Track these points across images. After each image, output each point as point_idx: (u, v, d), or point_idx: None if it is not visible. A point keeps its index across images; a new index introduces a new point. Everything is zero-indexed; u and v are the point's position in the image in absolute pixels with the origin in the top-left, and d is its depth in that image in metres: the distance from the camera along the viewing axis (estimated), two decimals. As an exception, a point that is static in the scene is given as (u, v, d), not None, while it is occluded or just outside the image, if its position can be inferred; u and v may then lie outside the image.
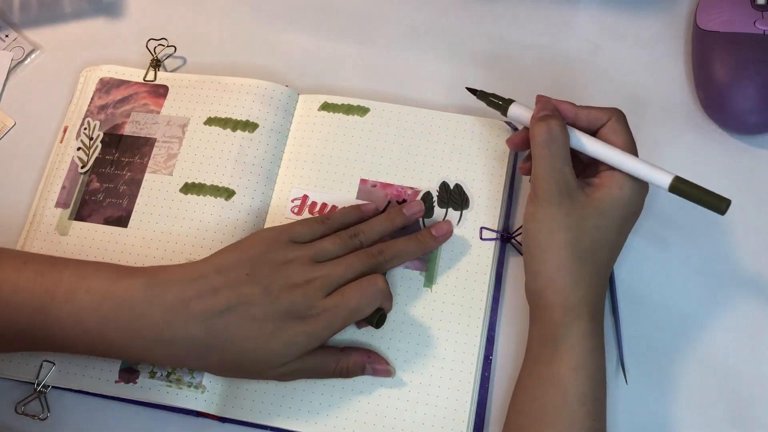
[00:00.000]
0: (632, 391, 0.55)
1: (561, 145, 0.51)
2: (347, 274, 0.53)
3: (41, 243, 0.60)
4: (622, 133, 0.52)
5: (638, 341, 0.57)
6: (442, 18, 0.70)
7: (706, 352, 0.56)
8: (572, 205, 0.50)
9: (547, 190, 0.50)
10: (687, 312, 0.58)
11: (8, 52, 0.70)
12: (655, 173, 0.50)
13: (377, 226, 0.57)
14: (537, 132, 0.51)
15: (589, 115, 0.53)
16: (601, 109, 0.53)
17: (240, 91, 0.64)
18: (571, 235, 0.50)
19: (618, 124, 0.52)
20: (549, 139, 0.51)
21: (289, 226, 0.55)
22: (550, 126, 0.51)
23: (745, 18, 0.62)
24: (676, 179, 0.49)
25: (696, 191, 0.49)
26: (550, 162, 0.50)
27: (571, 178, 0.51)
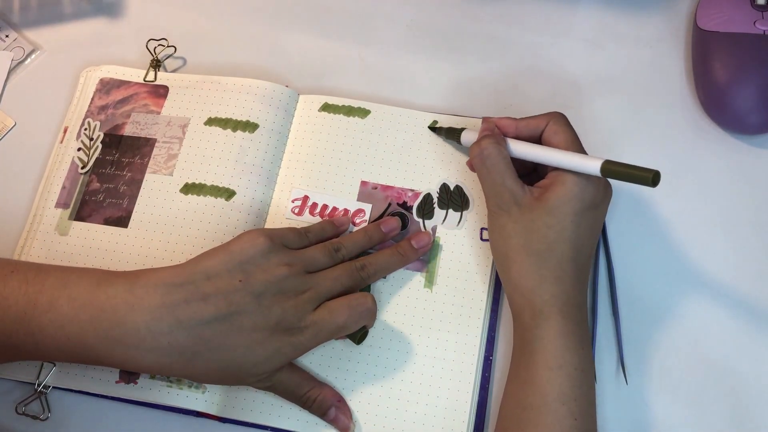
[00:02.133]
0: (632, 391, 0.55)
1: (496, 160, 0.53)
2: (335, 288, 0.53)
3: (41, 243, 0.60)
4: (561, 132, 0.54)
5: (638, 341, 0.57)
6: (442, 18, 0.70)
7: (706, 352, 0.56)
8: (519, 211, 0.52)
9: (493, 203, 0.54)
10: (687, 312, 0.58)
11: (8, 52, 0.69)
12: (585, 161, 0.51)
13: (357, 241, 0.57)
14: (472, 155, 0.54)
15: (529, 124, 0.55)
16: (539, 117, 0.55)
17: (240, 92, 0.64)
18: (524, 238, 0.52)
19: (556, 125, 0.54)
20: (482, 158, 0.53)
21: (277, 230, 0.55)
22: (480, 146, 0.54)
23: (745, 18, 0.62)
24: (606, 162, 0.50)
25: (625, 169, 0.49)
26: (489, 178, 0.53)
27: (515, 186, 0.53)
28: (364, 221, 0.60)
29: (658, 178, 0.48)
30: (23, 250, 0.61)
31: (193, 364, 0.49)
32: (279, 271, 0.51)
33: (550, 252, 0.51)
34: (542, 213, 0.51)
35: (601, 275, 0.59)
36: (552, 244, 0.51)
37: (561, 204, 0.51)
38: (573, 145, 0.53)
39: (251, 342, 0.49)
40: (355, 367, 0.56)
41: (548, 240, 0.51)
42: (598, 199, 0.53)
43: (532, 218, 0.51)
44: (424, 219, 0.60)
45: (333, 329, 0.52)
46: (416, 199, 0.60)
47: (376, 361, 0.56)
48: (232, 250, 0.52)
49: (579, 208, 0.51)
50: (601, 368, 0.56)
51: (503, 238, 0.53)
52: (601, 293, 0.58)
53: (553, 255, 0.51)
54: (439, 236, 0.59)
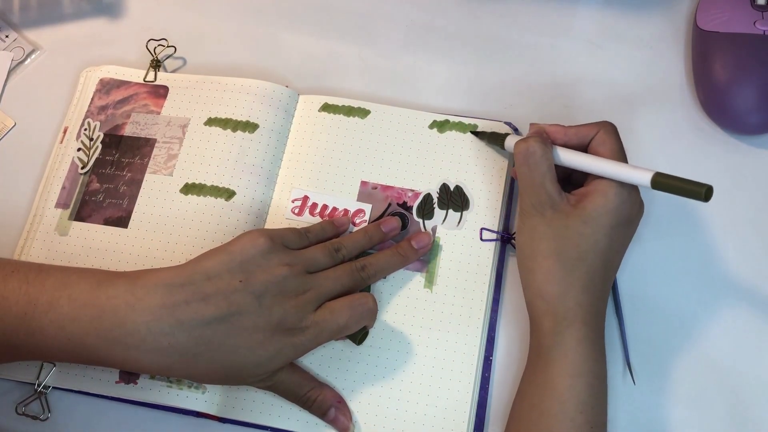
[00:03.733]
0: (632, 392, 0.55)
1: (539, 160, 0.52)
2: (336, 288, 0.53)
3: (41, 243, 0.60)
4: (609, 142, 0.53)
5: (638, 341, 0.57)
6: (442, 18, 0.70)
7: (707, 352, 0.56)
8: (555, 215, 0.51)
9: (529, 203, 0.53)
10: (687, 312, 0.58)
11: (8, 52, 0.69)
12: (635, 172, 0.50)
13: (357, 242, 0.57)
14: (516, 152, 0.53)
15: (578, 132, 0.54)
16: (589, 125, 0.54)
17: (240, 92, 0.64)
18: (555, 244, 0.51)
19: (605, 135, 0.53)
20: (526, 156, 0.52)
21: (277, 230, 0.55)
22: (527, 144, 0.52)
23: (745, 18, 0.62)
24: (656, 175, 0.49)
25: (677, 182, 0.48)
26: (530, 177, 0.52)
27: (553, 190, 0.52)
28: (364, 221, 0.60)
29: (711, 192, 0.47)
30: (23, 250, 0.61)
31: (194, 365, 0.49)
32: (279, 271, 0.51)
33: (580, 261, 0.51)
34: (578, 221, 0.51)
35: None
36: (583, 253, 0.51)
37: (599, 215, 0.51)
38: (619, 156, 0.53)
39: (252, 342, 0.49)
40: (355, 367, 0.56)
41: (580, 249, 0.51)
42: (633, 215, 0.53)
43: (567, 224, 0.51)
44: (424, 219, 0.60)
45: (334, 329, 0.52)
46: (416, 200, 0.60)
47: (376, 361, 0.56)
48: (233, 251, 0.52)
49: (615, 221, 0.51)
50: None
51: (533, 240, 0.52)
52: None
53: (583, 264, 0.51)
54: (439, 236, 0.59)
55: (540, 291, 0.51)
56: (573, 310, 0.50)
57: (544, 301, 0.51)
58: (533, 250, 0.52)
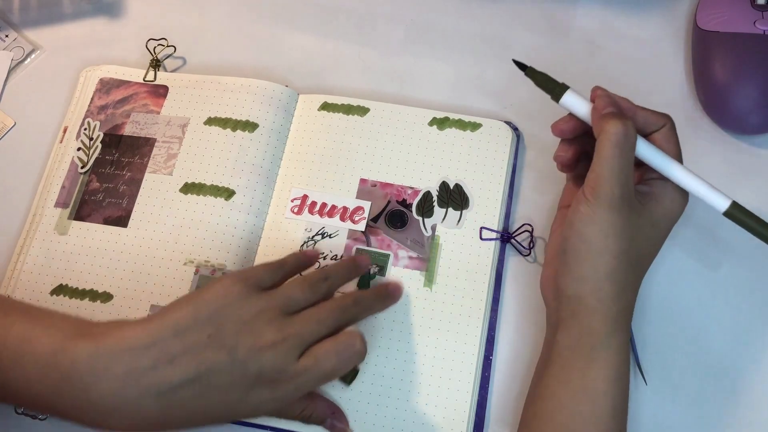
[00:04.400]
0: (633, 392, 0.55)
1: (632, 148, 0.47)
2: (320, 331, 0.49)
3: (41, 242, 0.60)
4: (674, 141, 0.50)
5: (637, 342, 0.57)
6: (442, 18, 0.70)
7: (707, 352, 0.56)
8: (631, 212, 0.48)
9: (611, 193, 0.47)
10: (687, 312, 0.58)
11: (8, 52, 0.70)
12: (714, 195, 0.49)
13: (344, 271, 0.54)
14: (613, 130, 0.47)
15: (647, 117, 0.50)
16: (656, 113, 0.51)
17: (240, 91, 0.64)
18: (627, 243, 0.48)
19: (672, 132, 0.50)
20: (624, 140, 0.47)
21: (250, 271, 0.51)
22: (627, 127, 0.47)
23: (745, 18, 0.62)
24: (733, 205, 0.48)
25: (751, 221, 0.48)
26: (620, 164, 0.47)
27: (631, 185, 0.48)
28: (363, 219, 0.60)
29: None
30: (23, 249, 0.61)
31: (168, 425, 0.46)
32: (253, 318, 0.48)
33: (639, 264, 0.50)
34: (647, 222, 0.49)
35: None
36: (644, 257, 0.50)
37: (667, 221, 0.50)
38: (679, 156, 0.51)
39: (229, 401, 0.46)
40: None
41: (642, 251, 0.49)
42: None
43: (639, 224, 0.48)
44: (424, 217, 0.60)
45: (320, 378, 0.48)
46: (416, 197, 0.60)
47: (376, 360, 0.56)
48: (203, 300, 0.48)
49: (671, 228, 0.50)
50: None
51: (606, 235, 0.47)
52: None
53: (640, 267, 0.50)
54: (439, 235, 0.59)
55: (598, 289, 0.48)
56: (623, 311, 0.49)
57: (599, 300, 0.48)
58: (603, 245, 0.47)
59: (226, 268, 0.58)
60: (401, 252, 0.59)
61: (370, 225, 0.60)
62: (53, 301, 0.58)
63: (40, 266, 0.60)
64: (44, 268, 0.60)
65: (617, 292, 0.48)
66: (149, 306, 0.58)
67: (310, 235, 0.60)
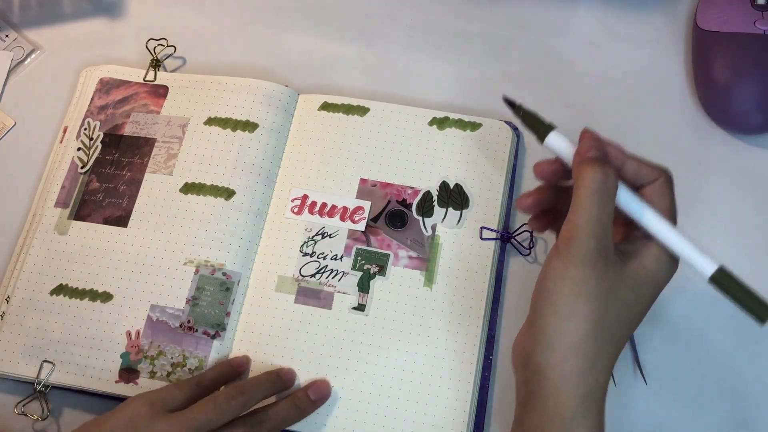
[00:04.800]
0: (631, 391, 0.55)
1: (611, 198, 0.42)
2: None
3: (40, 242, 0.60)
4: (667, 197, 0.44)
5: (638, 342, 0.57)
6: (442, 18, 0.70)
7: (707, 353, 0.56)
8: (607, 271, 0.42)
9: (585, 247, 0.41)
10: (686, 312, 0.58)
11: (8, 52, 0.70)
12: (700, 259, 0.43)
13: (265, 386, 0.53)
14: (590, 177, 0.42)
15: (639, 168, 0.45)
16: (650, 166, 0.45)
17: (240, 91, 0.64)
18: (600, 307, 0.42)
19: (665, 187, 0.44)
20: (603, 189, 0.42)
21: (159, 393, 0.50)
22: (606, 175, 0.42)
23: (745, 18, 0.62)
24: (720, 270, 0.43)
25: (738, 290, 0.43)
26: (597, 214, 0.41)
27: (610, 240, 0.42)
28: (363, 218, 0.60)
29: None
30: (23, 249, 0.61)
31: None
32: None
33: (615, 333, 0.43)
34: (625, 284, 0.42)
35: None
36: (620, 327, 0.43)
37: (646, 283, 0.43)
38: (673, 214, 0.45)
39: None
40: (354, 366, 0.56)
41: (620, 318, 0.43)
42: None
43: (615, 286, 0.42)
44: (424, 217, 0.60)
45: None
46: (416, 197, 0.60)
47: (376, 360, 0.56)
48: (109, 427, 0.48)
49: (656, 294, 0.44)
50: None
51: (577, 295, 0.42)
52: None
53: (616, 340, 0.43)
54: (439, 235, 0.59)
55: (563, 361, 0.42)
56: (595, 391, 0.42)
57: (564, 376, 0.42)
58: (573, 307, 0.41)
59: (226, 267, 0.58)
60: (401, 252, 0.59)
61: (370, 225, 0.60)
62: (53, 301, 0.58)
63: (40, 266, 0.60)
64: (44, 268, 0.59)
65: (586, 368, 0.42)
66: (149, 305, 0.58)
67: (310, 235, 0.60)
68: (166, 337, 0.57)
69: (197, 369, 0.56)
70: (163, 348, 0.56)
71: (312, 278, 0.58)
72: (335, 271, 0.58)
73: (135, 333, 0.57)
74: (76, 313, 0.58)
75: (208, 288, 0.58)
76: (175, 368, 0.56)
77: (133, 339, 0.57)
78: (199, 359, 0.56)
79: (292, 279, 0.58)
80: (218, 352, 0.56)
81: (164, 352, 0.56)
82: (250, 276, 0.59)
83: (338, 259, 0.59)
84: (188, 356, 0.56)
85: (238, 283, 0.58)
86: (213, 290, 0.58)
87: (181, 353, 0.56)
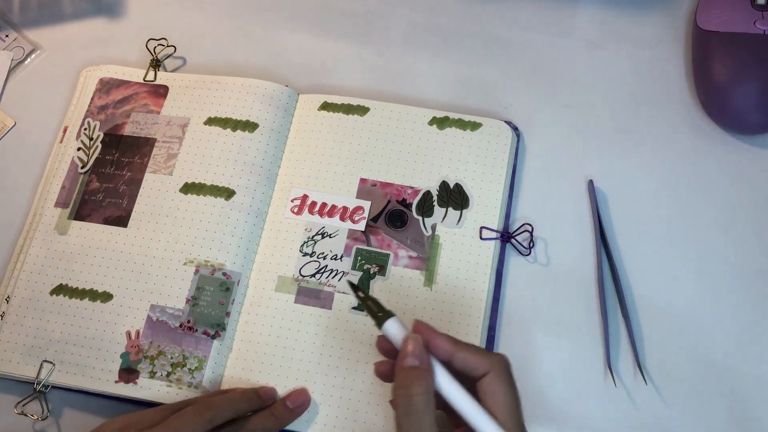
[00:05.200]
0: (631, 391, 0.55)
1: (424, 410, 0.42)
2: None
3: (41, 242, 0.60)
4: (500, 395, 0.43)
5: (638, 341, 0.57)
6: (442, 18, 0.70)
7: (707, 353, 0.56)
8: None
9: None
10: (687, 312, 0.58)
11: (8, 52, 0.70)
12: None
13: (235, 404, 0.53)
14: (398, 400, 0.42)
15: (466, 361, 0.44)
16: (480, 357, 0.44)
17: (240, 91, 0.64)
18: None
19: (497, 381, 0.43)
20: (408, 406, 0.42)
21: (137, 416, 0.50)
22: (410, 392, 0.42)
23: (745, 18, 0.62)
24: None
25: None
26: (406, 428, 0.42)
27: None
28: (363, 218, 0.60)
29: None
30: (23, 249, 0.61)
31: None
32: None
33: None
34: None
35: (605, 276, 0.58)
36: None
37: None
38: (511, 414, 0.43)
39: None
40: (354, 366, 0.56)
41: None
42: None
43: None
44: (424, 217, 0.60)
45: None
46: (416, 197, 0.60)
47: (376, 359, 0.56)
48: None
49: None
50: (595, 366, 0.56)
51: None
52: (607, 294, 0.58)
53: None
54: (439, 234, 0.59)
55: None
56: None
57: None
58: None
59: (226, 267, 0.58)
60: (401, 251, 0.59)
61: (370, 225, 0.60)
62: (53, 301, 0.58)
63: (40, 266, 0.60)
64: (44, 268, 0.59)
65: None
66: (149, 305, 0.58)
67: (310, 235, 0.60)
68: (166, 337, 0.57)
69: (197, 369, 0.56)
70: (163, 348, 0.56)
71: (312, 278, 0.58)
72: (335, 271, 0.58)
73: (135, 333, 0.57)
74: (76, 313, 0.58)
75: (208, 288, 0.58)
76: (175, 368, 0.56)
77: (133, 339, 0.57)
78: (199, 359, 0.56)
79: (292, 279, 0.58)
80: (218, 351, 0.56)
81: (164, 352, 0.56)
82: (250, 276, 0.59)
83: (338, 259, 0.59)
84: (188, 356, 0.56)
85: (238, 283, 0.58)
86: (213, 290, 0.58)
87: (181, 353, 0.56)
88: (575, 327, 0.57)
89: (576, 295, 0.58)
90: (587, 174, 0.62)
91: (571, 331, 0.57)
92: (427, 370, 0.43)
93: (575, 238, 0.60)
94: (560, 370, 0.56)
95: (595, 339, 0.57)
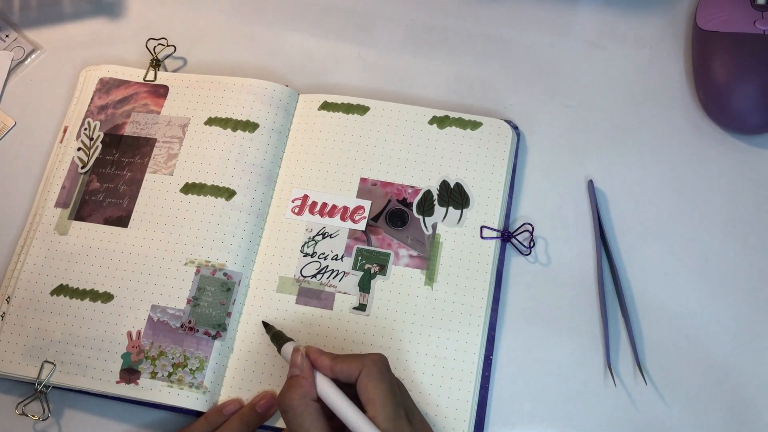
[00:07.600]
0: (633, 392, 0.55)
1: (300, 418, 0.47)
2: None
3: (41, 242, 0.60)
4: (372, 389, 0.47)
5: (638, 341, 0.57)
6: (442, 18, 0.70)
7: (706, 352, 0.56)
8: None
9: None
10: (687, 312, 0.58)
11: (8, 52, 0.69)
12: None
13: None
14: (280, 405, 0.49)
15: (343, 369, 0.49)
16: (353, 362, 0.49)
17: (240, 91, 0.64)
18: None
19: (367, 379, 0.48)
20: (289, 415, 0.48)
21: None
22: (285, 399, 0.48)
23: (745, 18, 0.63)
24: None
25: None
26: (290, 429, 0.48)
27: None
28: (364, 218, 0.60)
29: None
30: (23, 249, 0.61)
31: None
32: None
33: None
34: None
35: (605, 276, 0.59)
36: None
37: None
38: (382, 406, 0.47)
39: None
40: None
41: None
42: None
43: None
44: (424, 216, 0.60)
45: None
46: (416, 196, 0.60)
47: (377, 359, 0.56)
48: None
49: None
50: (595, 366, 0.56)
51: None
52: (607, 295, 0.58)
53: None
54: (440, 234, 0.59)
55: None
56: None
57: None
58: None
59: (227, 268, 0.58)
60: (402, 251, 0.59)
61: (370, 224, 0.60)
62: (53, 302, 0.58)
63: (41, 266, 0.60)
64: (44, 268, 0.59)
65: None
66: (150, 306, 0.58)
67: (310, 236, 0.60)
68: (167, 337, 0.57)
69: (198, 369, 0.56)
70: (164, 348, 0.56)
71: (313, 279, 0.58)
72: (336, 271, 0.59)
73: (136, 333, 0.57)
74: (76, 313, 0.58)
75: (209, 288, 0.58)
76: (176, 369, 0.56)
77: (134, 339, 0.57)
78: (200, 359, 0.56)
79: (293, 280, 0.58)
80: (219, 352, 0.56)
81: (165, 353, 0.56)
82: (251, 276, 0.59)
83: (339, 259, 0.59)
84: (189, 357, 0.56)
85: (239, 284, 0.58)
86: (214, 290, 0.58)
87: (182, 353, 0.56)
88: (575, 327, 0.57)
89: (576, 295, 0.58)
90: (587, 174, 0.62)
91: (571, 331, 0.57)
92: (306, 378, 0.49)
93: (575, 237, 0.60)
94: (560, 370, 0.56)
95: (595, 339, 0.57)
